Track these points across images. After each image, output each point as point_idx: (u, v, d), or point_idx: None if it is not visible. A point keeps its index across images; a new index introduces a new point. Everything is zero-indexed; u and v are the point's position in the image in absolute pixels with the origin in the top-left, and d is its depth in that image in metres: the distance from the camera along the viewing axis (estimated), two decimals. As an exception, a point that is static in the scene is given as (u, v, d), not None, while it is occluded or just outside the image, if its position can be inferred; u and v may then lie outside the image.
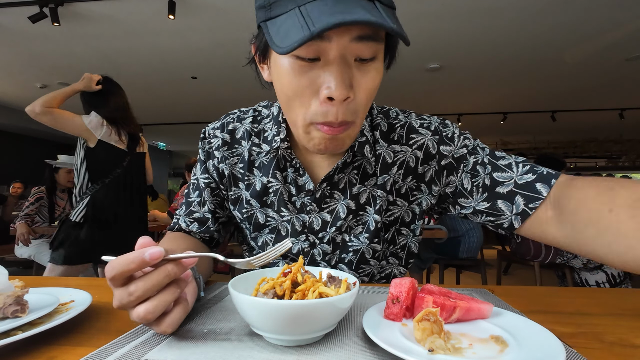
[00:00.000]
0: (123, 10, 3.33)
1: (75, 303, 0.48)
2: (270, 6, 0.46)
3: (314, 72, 0.47)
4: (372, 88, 0.49)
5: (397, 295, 0.43)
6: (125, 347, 0.38)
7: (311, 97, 0.48)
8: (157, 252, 0.35)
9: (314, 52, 0.45)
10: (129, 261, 0.34)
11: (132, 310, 0.36)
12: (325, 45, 0.44)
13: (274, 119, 0.65)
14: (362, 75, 0.48)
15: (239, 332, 0.42)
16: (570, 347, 0.38)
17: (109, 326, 0.45)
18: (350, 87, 0.47)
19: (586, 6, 3.24)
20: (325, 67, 0.46)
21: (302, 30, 0.40)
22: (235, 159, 0.67)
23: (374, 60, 0.48)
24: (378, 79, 0.50)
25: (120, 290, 0.36)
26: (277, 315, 0.35)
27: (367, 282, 0.73)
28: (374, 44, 0.46)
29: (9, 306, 0.41)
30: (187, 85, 5.52)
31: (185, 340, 0.39)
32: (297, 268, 0.43)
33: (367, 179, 0.65)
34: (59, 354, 0.37)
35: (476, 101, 6.37)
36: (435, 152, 0.65)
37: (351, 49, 0.45)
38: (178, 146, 12.00)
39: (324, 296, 0.38)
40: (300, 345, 0.38)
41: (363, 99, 0.49)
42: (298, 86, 0.48)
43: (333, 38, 0.44)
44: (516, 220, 0.59)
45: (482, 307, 0.43)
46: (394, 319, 0.42)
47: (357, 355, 0.36)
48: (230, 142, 0.68)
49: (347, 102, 0.47)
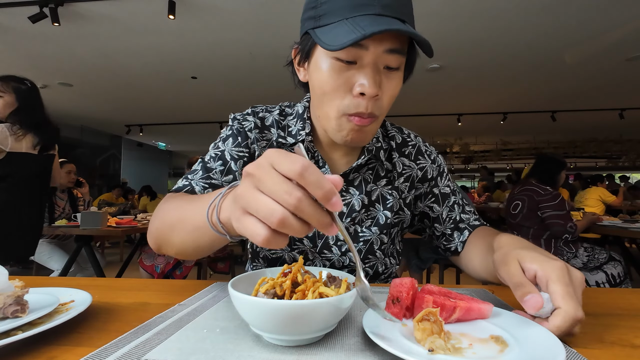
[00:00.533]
0: (123, 10, 3.33)
1: (76, 303, 0.48)
2: (320, 17, 0.57)
3: (350, 73, 0.56)
4: (394, 93, 0.60)
5: (397, 295, 0.43)
6: (125, 347, 0.38)
7: (346, 92, 0.57)
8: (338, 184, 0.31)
9: (352, 57, 0.55)
10: (320, 179, 0.30)
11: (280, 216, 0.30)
12: (362, 52, 0.54)
13: (298, 116, 0.73)
14: (387, 81, 0.58)
15: (239, 332, 0.42)
16: (570, 347, 0.38)
17: (109, 326, 0.45)
18: (379, 88, 0.56)
19: (586, 6, 3.24)
20: (361, 70, 0.56)
21: (354, 33, 0.50)
22: (264, 142, 0.73)
23: (398, 70, 0.58)
24: (399, 86, 0.60)
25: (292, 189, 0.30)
26: (277, 315, 0.35)
27: (370, 277, 0.76)
28: (400, 56, 0.57)
29: (9, 306, 0.41)
30: (187, 85, 5.52)
31: (185, 340, 0.39)
32: (297, 268, 0.43)
33: (378, 180, 0.75)
34: (59, 354, 0.37)
35: (476, 101, 6.37)
36: (431, 178, 0.80)
37: (383, 58, 0.55)
38: (178, 146, 12.00)
39: (324, 296, 0.38)
40: (300, 345, 0.38)
41: (386, 101, 0.59)
42: (336, 83, 0.57)
43: (370, 47, 0.54)
44: (460, 246, 0.77)
45: (482, 307, 0.43)
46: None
47: (357, 355, 0.36)
48: (261, 127, 0.73)
49: (375, 99, 0.57)
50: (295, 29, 0.73)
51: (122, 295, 0.59)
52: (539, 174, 2.55)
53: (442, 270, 2.71)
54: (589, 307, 0.53)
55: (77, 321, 0.46)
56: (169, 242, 0.55)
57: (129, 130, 8.60)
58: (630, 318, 0.49)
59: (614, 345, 0.40)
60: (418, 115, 7.14)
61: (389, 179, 0.76)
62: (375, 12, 0.53)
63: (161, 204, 0.61)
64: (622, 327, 0.45)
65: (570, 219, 2.36)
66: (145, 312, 0.50)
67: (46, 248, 2.83)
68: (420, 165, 0.78)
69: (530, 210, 2.46)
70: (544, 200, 2.39)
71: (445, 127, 8.18)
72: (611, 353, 0.38)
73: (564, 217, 2.33)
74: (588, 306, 0.54)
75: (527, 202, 2.47)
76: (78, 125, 8.39)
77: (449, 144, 10.41)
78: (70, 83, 5.41)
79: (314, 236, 0.72)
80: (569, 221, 2.34)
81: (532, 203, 2.44)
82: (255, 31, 3.71)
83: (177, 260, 2.48)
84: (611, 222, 2.75)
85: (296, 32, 0.66)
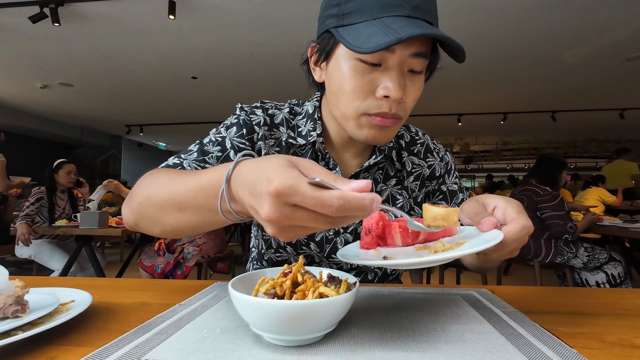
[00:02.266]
0: (123, 10, 3.33)
1: (76, 303, 0.48)
2: (344, 16, 0.55)
3: (374, 75, 0.55)
4: (416, 96, 0.59)
5: (369, 227, 0.48)
6: (126, 347, 0.38)
7: (368, 93, 0.56)
8: (378, 201, 0.32)
9: (377, 59, 0.54)
10: (364, 206, 0.31)
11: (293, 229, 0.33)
12: (388, 55, 0.53)
13: (308, 116, 0.71)
14: (411, 84, 0.57)
15: (239, 332, 0.42)
16: (570, 347, 0.38)
17: (109, 326, 0.45)
18: (404, 91, 0.55)
19: (586, 6, 3.23)
20: (385, 72, 0.55)
21: (387, 36, 0.48)
22: (272, 141, 0.70)
23: (421, 73, 0.58)
24: (421, 89, 0.60)
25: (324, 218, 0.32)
26: (277, 315, 0.35)
27: (379, 278, 0.76)
28: (424, 60, 0.56)
29: (10, 306, 0.41)
30: (187, 85, 5.52)
31: (185, 340, 0.39)
32: (297, 268, 0.43)
33: (388, 179, 0.74)
34: (59, 354, 0.37)
35: (476, 101, 6.37)
36: (439, 175, 0.79)
37: (408, 61, 0.55)
38: (178, 146, 11.99)
39: (324, 296, 0.38)
40: (300, 345, 0.38)
41: (410, 103, 0.59)
42: (358, 84, 0.56)
43: (397, 51, 0.53)
44: None
45: (447, 228, 0.49)
46: (369, 248, 0.48)
47: (357, 355, 0.36)
48: (270, 124, 0.70)
49: (398, 102, 0.56)
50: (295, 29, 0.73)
51: (122, 295, 0.59)
52: (540, 174, 2.55)
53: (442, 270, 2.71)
54: (590, 307, 0.53)
55: (78, 321, 0.46)
56: (157, 221, 0.50)
57: (129, 130, 8.60)
58: (631, 318, 0.49)
59: (614, 345, 0.40)
60: (418, 115, 7.14)
61: (399, 179, 0.75)
62: (405, 13, 0.51)
63: (146, 177, 0.54)
64: (623, 327, 0.45)
65: (570, 219, 2.36)
66: (146, 312, 0.50)
67: (46, 248, 2.83)
68: (429, 163, 0.78)
69: (529, 210, 2.46)
70: (543, 201, 2.39)
71: (446, 127, 8.18)
72: (611, 353, 0.38)
73: (564, 217, 2.33)
74: (588, 306, 0.54)
75: (526, 202, 2.47)
76: (78, 125, 8.39)
77: (449, 144, 10.41)
78: (70, 83, 5.41)
79: (322, 241, 0.71)
80: (569, 221, 2.34)
81: (531, 203, 2.44)
82: (255, 31, 3.70)
83: (177, 260, 2.48)
84: (611, 222, 2.75)
85: (297, 32, 0.66)
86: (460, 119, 7.20)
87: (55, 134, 7.99)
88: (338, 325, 0.44)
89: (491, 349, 0.37)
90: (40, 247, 2.83)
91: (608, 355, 0.37)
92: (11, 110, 6.83)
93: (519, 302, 0.54)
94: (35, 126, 7.43)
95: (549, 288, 0.64)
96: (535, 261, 2.46)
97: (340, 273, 0.48)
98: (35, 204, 2.86)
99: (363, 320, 0.46)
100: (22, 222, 2.76)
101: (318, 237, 0.72)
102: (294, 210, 0.31)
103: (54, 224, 2.87)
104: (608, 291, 0.63)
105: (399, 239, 0.48)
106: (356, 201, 0.30)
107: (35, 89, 5.69)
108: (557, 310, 0.51)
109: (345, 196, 0.30)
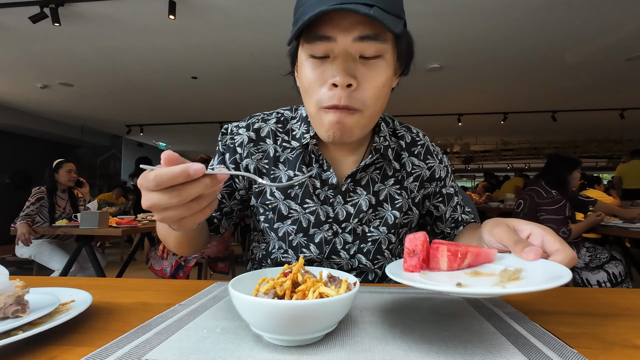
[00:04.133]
0: (124, 10, 3.33)
1: (76, 303, 0.48)
2: (297, 20, 0.57)
3: (324, 67, 0.56)
4: (377, 83, 0.57)
5: (414, 248, 0.45)
6: (126, 347, 0.38)
7: (321, 86, 0.57)
8: (200, 169, 0.38)
9: (323, 51, 0.55)
10: (176, 174, 0.37)
11: (163, 211, 0.40)
12: (332, 45, 0.54)
13: (302, 119, 0.73)
14: (367, 70, 0.56)
15: (239, 332, 0.42)
16: (571, 348, 0.38)
17: (109, 326, 0.45)
18: (353, 78, 0.54)
19: (586, 6, 3.23)
20: (333, 62, 0.56)
21: (294, 28, 0.54)
22: (260, 154, 0.73)
23: (378, 58, 0.56)
24: (384, 75, 0.57)
25: (159, 195, 0.39)
26: (277, 316, 0.35)
27: (379, 278, 0.76)
28: (376, 43, 0.54)
29: (10, 306, 0.41)
30: (187, 85, 5.52)
31: (185, 340, 0.39)
32: (297, 268, 0.43)
33: (386, 179, 0.74)
34: (59, 354, 0.37)
35: (476, 101, 6.36)
36: (439, 178, 0.79)
37: (355, 47, 0.54)
38: (178, 146, 11.99)
39: (324, 296, 0.38)
40: (300, 345, 0.38)
41: (368, 91, 0.57)
42: (312, 78, 0.57)
43: (338, 39, 0.54)
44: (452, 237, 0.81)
45: (488, 251, 0.47)
46: (413, 271, 0.44)
47: (357, 355, 0.36)
48: (255, 140, 0.73)
49: (350, 90, 0.55)
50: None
51: (122, 295, 0.59)
52: (548, 176, 2.47)
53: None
54: (590, 307, 0.53)
55: (78, 321, 0.46)
56: (170, 247, 0.70)
57: (129, 130, 8.60)
58: (631, 318, 0.48)
59: (614, 345, 0.40)
60: (418, 115, 7.14)
61: (397, 179, 0.75)
62: (339, 1, 0.51)
63: None
64: (623, 328, 0.45)
65: (566, 225, 2.34)
66: (146, 312, 0.50)
67: (47, 248, 2.83)
68: (429, 165, 0.78)
69: (530, 209, 2.47)
70: (544, 204, 2.39)
71: (446, 127, 8.18)
72: (612, 353, 0.38)
73: (558, 222, 2.32)
74: (589, 306, 0.54)
75: (528, 201, 2.48)
76: (78, 125, 8.40)
77: (449, 144, 10.40)
78: (70, 83, 5.41)
79: (321, 243, 0.72)
80: (563, 226, 2.32)
81: (533, 204, 2.44)
82: (255, 31, 3.70)
83: (178, 263, 2.52)
84: (612, 222, 2.75)
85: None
86: (461, 119, 7.19)
87: (55, 134, 7.99)
88: (338, 325, 0.44)
89: (491, 349, 0.37)
90: (40, 247, 2.83)
91: (609, 356, 0.37)
92: (11, 110, 6.83)
93: (519, 302, 0.54)
94: (36, 126, 7.42)
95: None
96: (535, 261, 2.45)
97: (340, 273, 0.48)
98: (36, 203, 2.86)
99: (363, 320, 0.46)
100: (22, 222, 2.76)
101: (317, 238, 0.72)
102: (151, 195, 0.39)
103: (54, 223, 2.87)
104: (609, 291, 0.63)
105: (445, 263, 0.45)
106: (167, 171, 0.37)
107: (35, 89, 5.69)
108: (558, 310, 0.51)
109: (159, 169, 0.38)
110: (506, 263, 0.45)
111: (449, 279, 0.41)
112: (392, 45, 0.58)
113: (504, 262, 0.46)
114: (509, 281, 0.39)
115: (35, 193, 2.90)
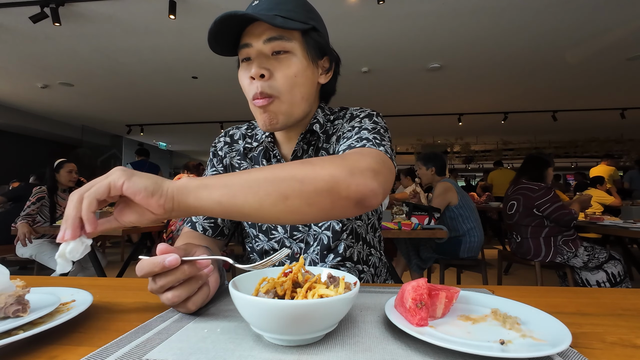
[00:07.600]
0: (124, 10, 3.33)
1: (77, 303, 0.48)
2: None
3: (249, 67, 0.67)
4: (289, 73, 0.66)
5: (420, 298, 0.43)
6: (126, 346, 0.38)
7: (248, 82, 0.68)
8: (174, 260, 0.44)
9: (245, 55, 0.68)
10: (153, 265, 0.44)
11: (161, 295, 0.46)
12: (249, 50, 0.67)
13: None
14: (278, 63, 0.66)
15: (239, 332, 0.42)
16: (571, 348, 0.38)
17: (109, 326, 0.45)
18: (265, 69, 0.65)
19: (587, 6, 3.23)
20: (252, 62, 0.67)
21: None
22: (234, 153, 0.85)
23: (288, 53, 0.66)
24: (294, 67, 0.66)
25: (150, 282, 0.47)
26: (277, 315, 0.35)
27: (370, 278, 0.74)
28: (281, 42, 0.65)
29: (10, 306, 0.42)
30: (187, 85, 5.52)
31: (186, 340, 0.39)
32: (297, 268, 0.43)
33: (318, 153, 0.79)
34: (60, 354, 0.37)
35: (476, 101, 6.36)
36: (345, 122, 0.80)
37: (267, 47, 0.66)
38: (178, 146, 12.00)
39: (324, 296, 0.38)
40: (300, 345, 0.38)
41: (282, 80, 0.66)
42: (242, 78, 0.69)
43: (253, 43, 0.66)
44: None
45: (451, 290, 0.46)
46: (424, 324, 0.42)
47: (357, 355, 0.36)
48: (230, 142, 0.86)
49: (264, 80, 0.65)
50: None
51: (123, 294, 0.60)
52: (529, 172, 2.60)
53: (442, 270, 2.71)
54: (590, 307, 0.53)
55: (78, 321, 0.46)
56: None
57: (129, 130, 8.60)
58: (632, 318, 0.48)
59: (614, 345, 0.40)
60: (418, 115, 7.14)
61: (327, 149, 0.78)
62: (244, 12, 0.61)
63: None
64: (623, 327, 0.45)
65: (568, 207, 2.44)
66: (146, 312, 0.50)
67: (47, 248, 2.83)
68: (351, 124, 0.75)
69: (526, 208, 2.48)
70: (540, 197, 2.42)
71: (446, 127, 8.17)
72: (612, 353, 0.38)
73: (565, 207, 2.39)
74: (589, 306, 0.54)
75: (522, 201, 2.50)
76: (79, 125, 8.40)
77: (450, 144, 10.40)
78: (71, 83, 5.41)
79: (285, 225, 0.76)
80: (570, 208, 2.41)
81: (528, 202, 2.46)
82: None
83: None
84: (612, 222, 2.75)
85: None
86: (461, 118, 7.19)
87: (56, 133, 7.99)
88: (338, 325, 0.44)
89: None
90: (41, 246, 2.83)
91: (609, 356, 0.37)
92: (12, 110, 6.83)
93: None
94: (36, 126, 7.43)
95: (549, 288, 0.64)
96: (535, 261, 2.46)
97: (340, 273, 0.48)
98: (36, 203, 2.86)
99: (363, 320, 0.46)
100: (23, 222, 2.76)
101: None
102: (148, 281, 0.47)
103: (55, 223, 2.87)
104: (609, 291, 0.63)
105: (441, 310, 0.45)
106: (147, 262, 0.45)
107: (35, 89, 5.69)
108: (558, 310, 0.51)
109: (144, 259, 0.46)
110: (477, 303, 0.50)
111: (459, 330, 0.41)
112: (301, 44, 0.67)
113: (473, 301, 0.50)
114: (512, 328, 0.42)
115: (36, 193, 2.90)
